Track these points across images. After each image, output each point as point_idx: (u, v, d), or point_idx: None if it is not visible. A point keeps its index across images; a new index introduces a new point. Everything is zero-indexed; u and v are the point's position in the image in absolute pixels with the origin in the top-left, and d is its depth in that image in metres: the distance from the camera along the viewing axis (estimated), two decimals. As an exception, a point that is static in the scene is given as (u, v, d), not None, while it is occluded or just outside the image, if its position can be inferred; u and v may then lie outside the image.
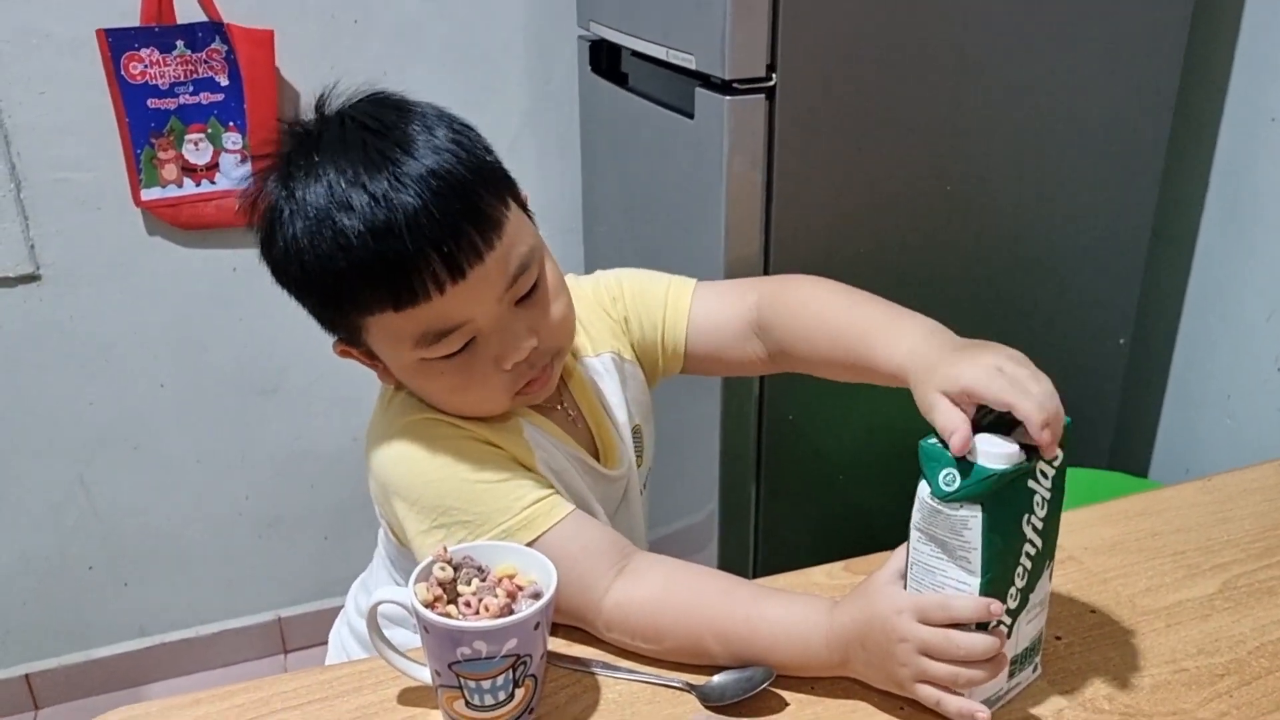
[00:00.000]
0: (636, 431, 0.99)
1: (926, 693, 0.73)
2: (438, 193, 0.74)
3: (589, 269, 1.86)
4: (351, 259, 0.74)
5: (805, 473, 1.43)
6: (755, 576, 1.41)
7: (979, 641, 0.71)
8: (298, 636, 2.04)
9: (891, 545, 0.95)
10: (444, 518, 0.81)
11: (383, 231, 0.73)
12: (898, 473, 1.43)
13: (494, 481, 0.81)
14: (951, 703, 0.73)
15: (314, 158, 0.76)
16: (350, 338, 0.83)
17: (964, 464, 0.70)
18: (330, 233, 0.74)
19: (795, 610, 0.79)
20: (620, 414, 0.96)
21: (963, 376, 0.72)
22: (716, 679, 0.78)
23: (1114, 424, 1.60)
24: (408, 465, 0.83)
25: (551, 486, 0.85)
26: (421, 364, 0.80)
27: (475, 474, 0.81)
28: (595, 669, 0.81)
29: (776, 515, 1.44)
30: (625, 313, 0.99)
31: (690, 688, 0.78)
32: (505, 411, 0.85)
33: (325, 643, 1.10)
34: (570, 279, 0.94)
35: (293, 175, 0.77)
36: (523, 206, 0.84)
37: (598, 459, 0.93)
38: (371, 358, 0.84)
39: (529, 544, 0.79)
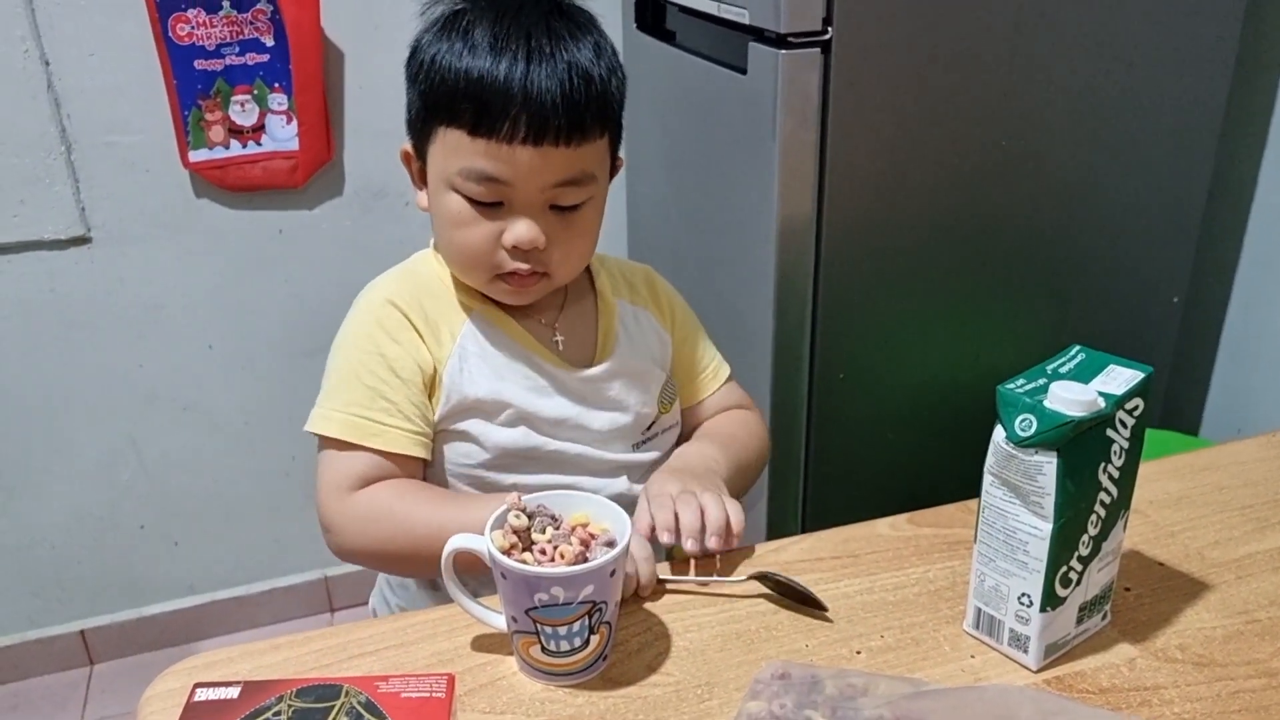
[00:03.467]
0: (667, 382, 1.03)
1: None
2: (572, 79, 0.83)
3: (631, 228, 1.88)
4: (470, 70, 0.83)
5: (855, 429, 1.43)
6: (803, 531, 1.44)
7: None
8: (343, 595, 2.07)
9: (940, 499, 0.96)
10: (325, 381, 0.93)
11: (507, 66, 0.82)
12: (947, 430, 1.45)
13: (367, 379, 0.90)
14: None
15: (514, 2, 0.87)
16: (420, 143, 0.90)
17: (1042, 409, 0.70)
18: (472, 44, 0.84)
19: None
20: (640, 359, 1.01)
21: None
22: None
23: (1166, 382, 1.59)
24: (342, 332, 0.95)
25: (407, 421, 0.90)
26: (452, 189, 0.87)
27: (364, 364, 0.91)
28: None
29: (825, 471, 1.44)
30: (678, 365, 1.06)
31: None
32: (477, 285, 0.92)
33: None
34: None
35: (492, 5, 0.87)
36: (612, 160, 0.93)
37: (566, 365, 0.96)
38: (421, 176, 0.92)
39: (324, 437, 0.90)
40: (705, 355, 1.07)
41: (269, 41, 1.64)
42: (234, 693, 0.68)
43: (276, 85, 1.67)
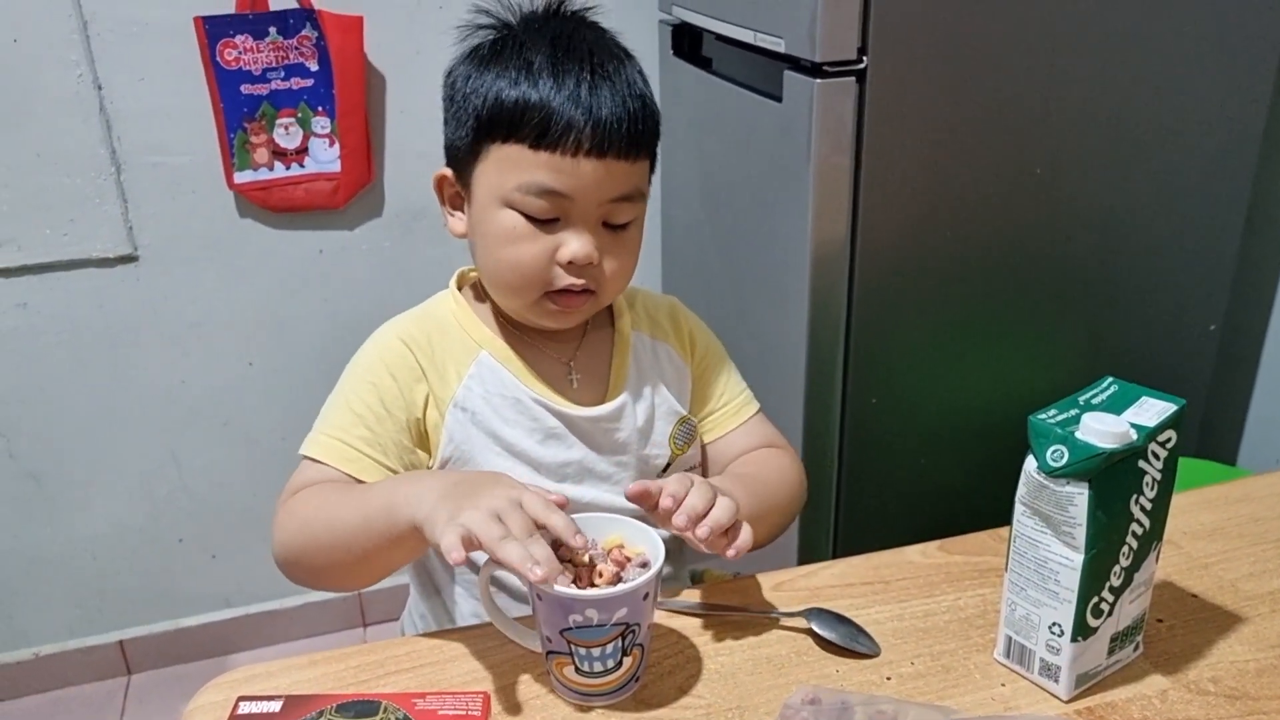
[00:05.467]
0: (684, 421, 1.00)
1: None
2: (628, 97, 0.85)
3: (665, 253, 1.89)
4: (534, 90, 0.84)
5: (887, 454, 1.44)
6: (834, 555, 1.44)
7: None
8: (376, 611, 2.10)
9: (971, 525, 0.96)
10: (323, 409, 0.93)
11: (574, 83, 0.84)
12: (979, 455, 1.45)
13: (356, 406, 0.90)
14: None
15: (566, 21, 0.90)
16: (464, 165, 0.90)
17: (1073, 440, 0.70)
18: (529, 66, 0.85)
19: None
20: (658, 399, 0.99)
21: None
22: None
23: (1202, 411, 1.57)
24: (349, 364, 0.95)
25: (383, 455, 0.89)
26: (505, 204, 0.86)
27: (356, 392, 0.91)
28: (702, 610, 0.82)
29: (857, 495, 1.45)
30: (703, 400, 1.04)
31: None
32: (523, 307, 0.91)
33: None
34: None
35: (545, 21, 0.90)
36: (648, 178, 0.92)
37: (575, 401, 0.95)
38: (457, 199, 0.92)
39: (308, 458, 0.90)
40: (730, 388, 1.04)
41: (313, 66, 1.68)
42: (276, 706, 0.70)
43: (320, 109, 1.71)
